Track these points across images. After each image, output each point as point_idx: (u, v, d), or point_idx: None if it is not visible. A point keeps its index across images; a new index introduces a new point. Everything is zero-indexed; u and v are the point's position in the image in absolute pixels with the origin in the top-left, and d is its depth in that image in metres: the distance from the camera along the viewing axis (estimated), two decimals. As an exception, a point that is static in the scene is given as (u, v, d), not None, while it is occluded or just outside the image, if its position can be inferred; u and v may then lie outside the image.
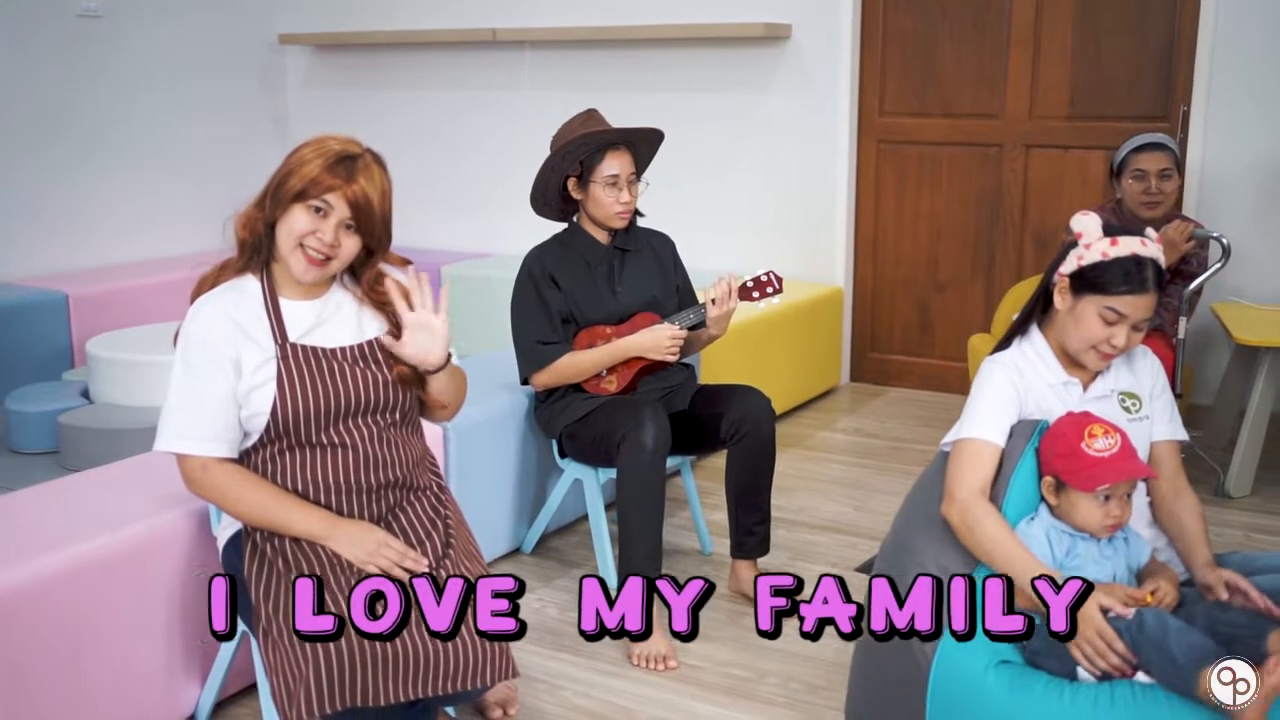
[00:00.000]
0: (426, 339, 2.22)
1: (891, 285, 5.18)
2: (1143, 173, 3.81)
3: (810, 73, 5.05)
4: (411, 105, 6.03)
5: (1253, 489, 3.87)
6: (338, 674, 2.00)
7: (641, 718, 2.54)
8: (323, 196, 2.09)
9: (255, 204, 2.17)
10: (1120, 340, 2.24)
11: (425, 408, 2.34)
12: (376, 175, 2.14)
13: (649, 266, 3.21)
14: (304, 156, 2.11)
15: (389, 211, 2.18)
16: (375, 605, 2.04)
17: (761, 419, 2.99)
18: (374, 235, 2.16)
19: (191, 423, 2.13)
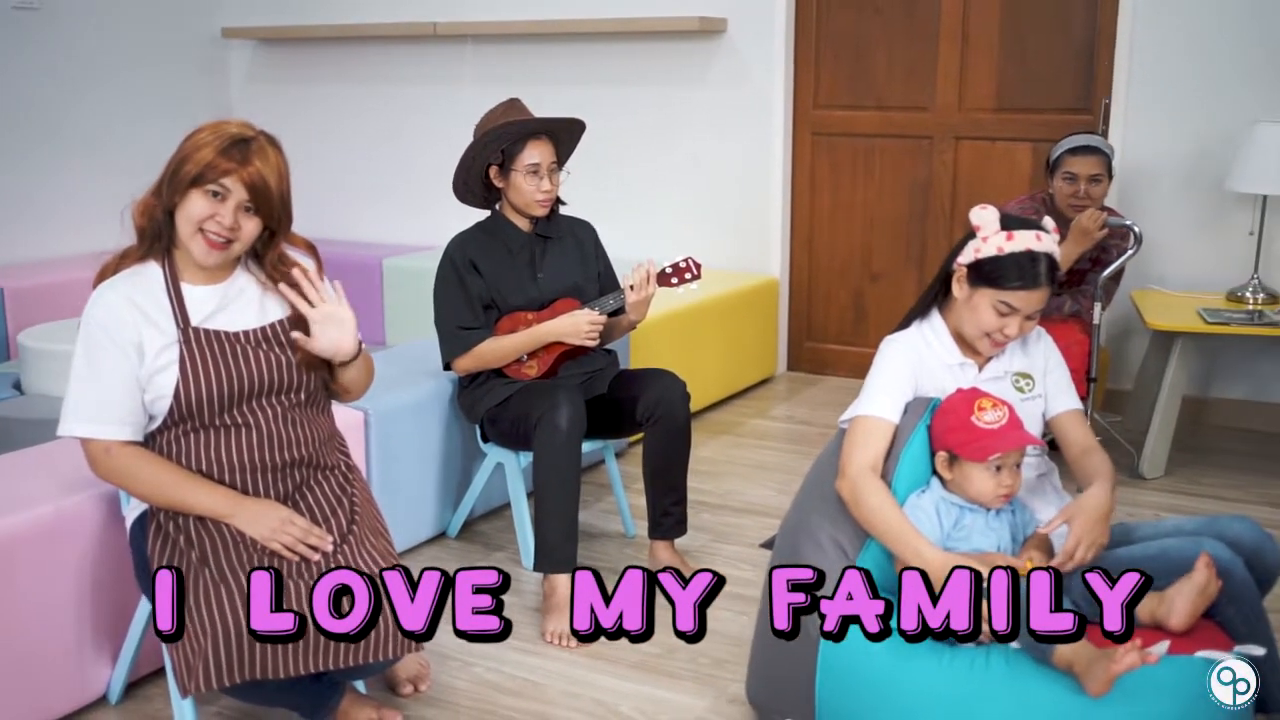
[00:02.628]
0: (337, 331, 2.26)
1: (827, 275, 5.26)
2: (1073, 175, 3.89)
3: (745, 66, 5.12)
4: (355, 99, 6.06)
5: (1166, 470, 3.97)
6: (236, 647, 2.04)
7: (550, 692, 2.59)
8: (219, 181, 2.11)
9: (152, 192, 2.20)
10: (1013, 330, 2.31)
11: (333, 390, 2.38)
12: (272, 157, 2.17)
13: (570, 254, 3.26)
14: (198, 142, 2.14)
15: (287, 192, 2.21)
16: (341, 601, 2.06)
17: (676, 401, 3.05)
18: (273, 216, 2.20)
19: (94, 407, 2.16)
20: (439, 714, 2.50)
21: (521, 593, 3.09)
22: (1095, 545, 2.16)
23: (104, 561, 2.43)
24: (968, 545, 2.24)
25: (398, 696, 2.55)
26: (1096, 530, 2.17)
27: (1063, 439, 2.43)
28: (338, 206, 6.19)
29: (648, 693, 2.59)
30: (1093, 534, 2.16)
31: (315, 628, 2.07)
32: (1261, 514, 3.61)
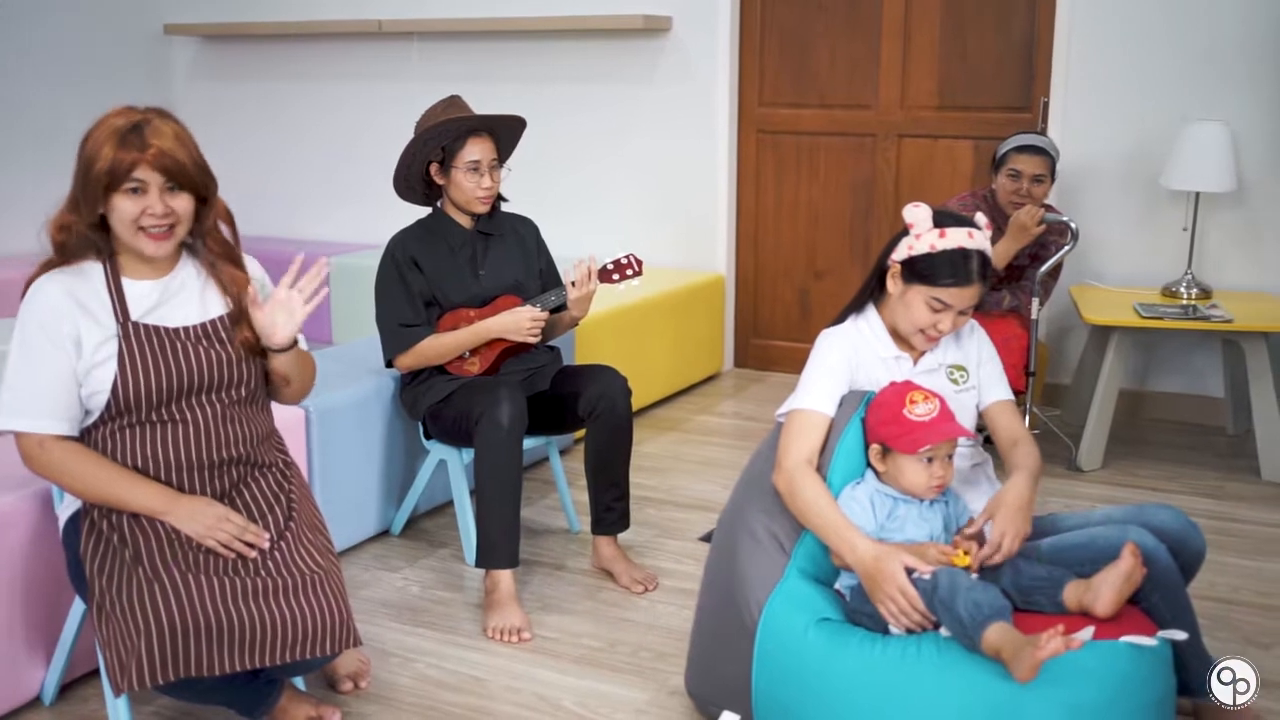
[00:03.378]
0: (284, 317, 2.25)
1: (772, 272, 5.29)
2: (1018, 173, 3.94)
3: (690, 65, 5.14)
4: (301, 97, 6.02)
5: (1103, 462, 4.04)
6: (170, 645, 2.02)
7: (492, 687, 2.60)
8: (131, 175, 2.09)
9: (67, 209, 2.16)
10: (946, 326, 2.35)
11: (272, 388, 2.37)
12: (168, 129, 2.12)
13: (512, 250, 3.27)
14: (94, 148, 2.09)
15: (199, 155, 2.16)
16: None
17: (617, 397, 3.06)
18: (195, 184, 2.15)
19: (28, 400, 2.14)
20: (380, 711, 2.49)
21: (464, 589, 3.10)
22: (1019, 535, 2.19)
23: (37, 561, 2.40)
24: (901, 536, 2.26)
25: (338, 694, 2.54)
26: (1018, 521, 2.20)
27: (994, 429, 2.47)
28: (283, 205, 6.15)
29: (589, 686, 2.60)
30: (1015, 524, 2.19)
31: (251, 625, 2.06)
32: (1195, 504, 3.69)
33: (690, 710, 2.48)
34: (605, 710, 2.50)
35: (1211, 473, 4.00)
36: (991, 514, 2.23)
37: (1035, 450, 2.39)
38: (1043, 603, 2.16)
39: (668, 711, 2.49)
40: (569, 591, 3.08)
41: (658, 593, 3.07)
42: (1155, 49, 4.41)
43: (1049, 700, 1.98)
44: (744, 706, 2.29)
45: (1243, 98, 4.31)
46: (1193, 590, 2.98)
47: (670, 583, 3.11)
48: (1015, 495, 2.24)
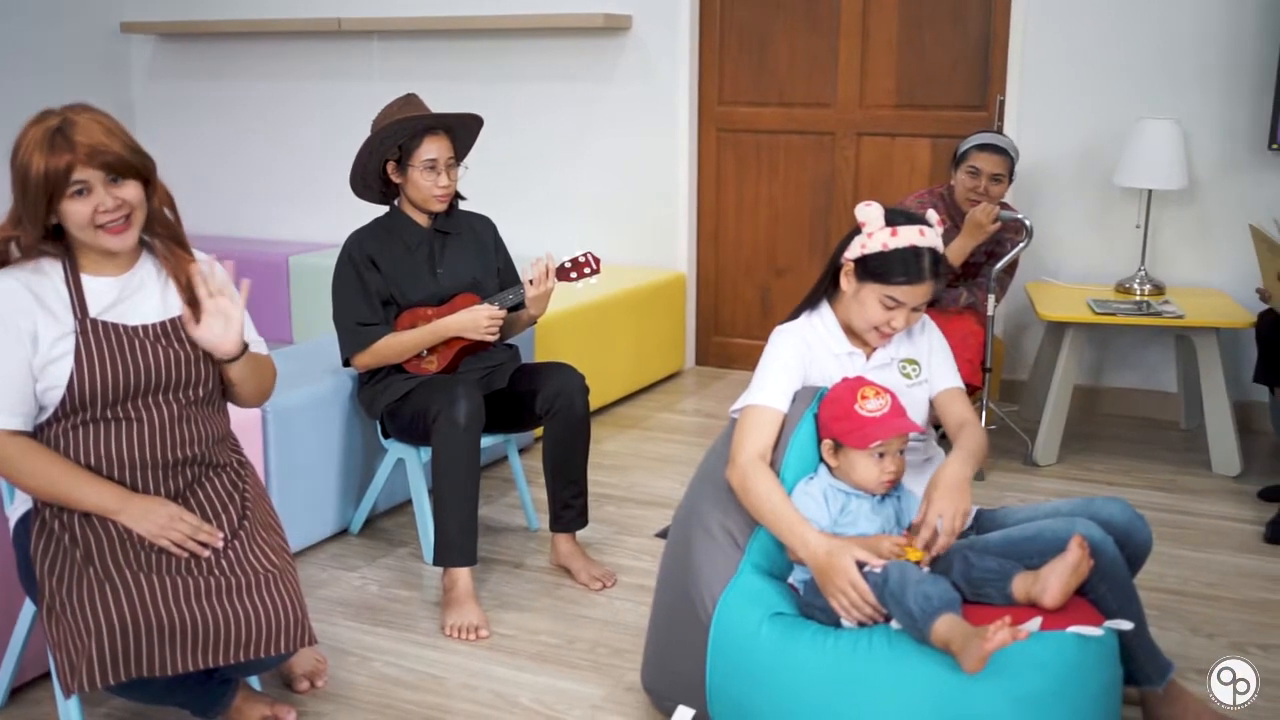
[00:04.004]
0: (222, 327, 2.23)
1: (733, 270, 5.32)
2: (977, 170, 3.97)
3: (650, 63, 5.16)
4: (260, 96, 5.98)
5: (1059, 457, 4.08)
6: (121, 645, 2.01)
7: (449, 685, 2.60)
8: (71, 179, 2.06)
9: (9, 223, 2.12)
10: (899, 323, 2.37)
11: (230, 392, 2.36)
12: (93, 124, 2.09)
13: (469, 249, 3.27)
14: (24, 160, 2.06)
15: (131, 140, 2.13)
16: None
17: (574, 394, 3.07)
18: (136, 169, 2.13)
19: None
20: (336, 709, 2.49)
21: (423, 588, 3.10)
22: (958, 512, 2.20)
23: (-13, 562, 2.39)
24: (854, 530, 2.28)
25: (294, 693, 2.54)
26: (953, 498, 2.20)
27: (943, 415, 2.49)
28: (243, 204, 6.12)
29: (546, 683, 2.61)
30: (951, 501, 2.20)
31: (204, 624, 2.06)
32: (1147, 498, 3.74)
33: (646, 705, 2.49)
34: (561, 706, 2.51)
35: (1164, 467, 4.06)
36: (928, 498, 2.24)
37: (979, 433, 2.41)
38: (992, 595, 2.19)
39: (624, 707, 2.50)
40: (527, 589, 3.08)
41: (616, 589, 3.08)
42: (1108, 48, 4.47)
43: (997, 690, 2.00)
44: (699, 701, 2.31)
45: (1193, 96, 4.38)
46: (1142, 582, 3.04)
47: (628, 579, 3.13)
48: (949, 474, 2.26)
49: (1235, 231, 4.29)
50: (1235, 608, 2.98)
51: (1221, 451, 3.97)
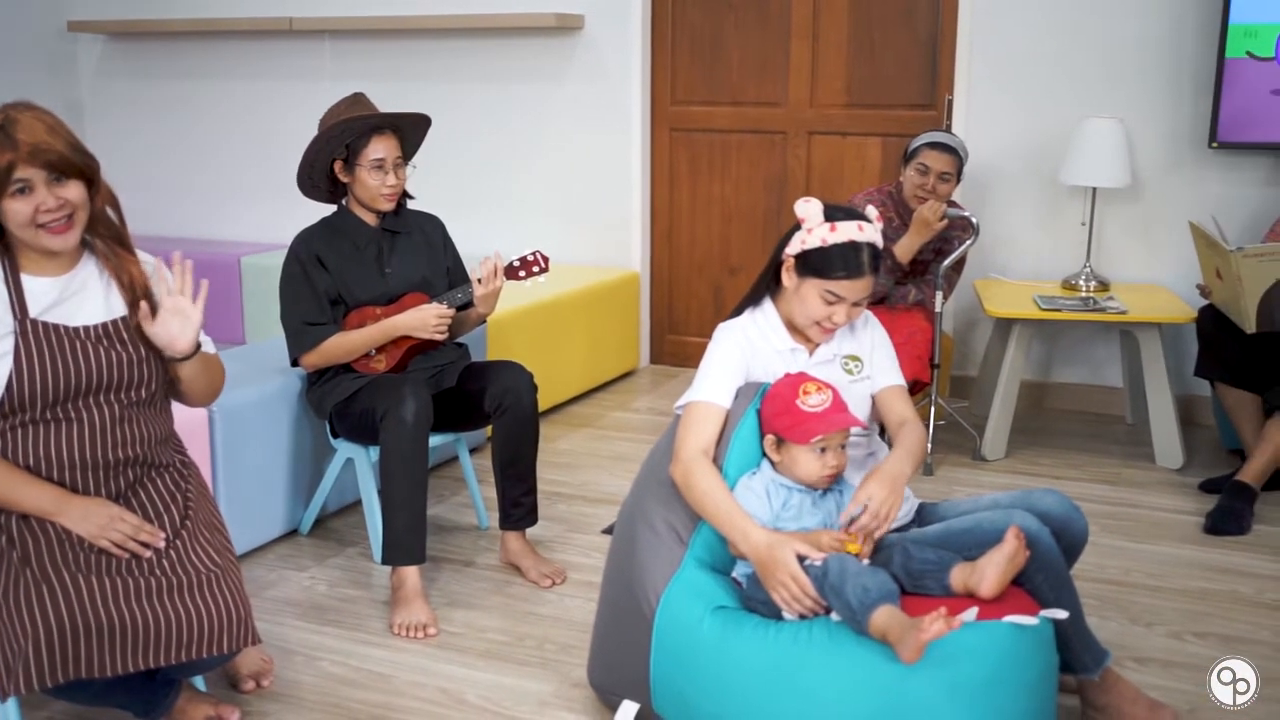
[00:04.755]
0: (179, 325, 2.22)
1: (687, 269, 5.34)
2: (926, 168, 4.01)
3: (603, 63, 5.17)
4: (211, 96, 5.94)
5: (1007, 452, 4.14)
6: (59, 647, 2.00)
7: (396, 683, 2.60)
8: (13, 177, 2.05)
9: None
10: (840, 318, 2.39)
11: (179, 391, 2.35)
12: (35, 122, 2.08)
13: (418, 248, 3.27)
14: None
15: (74, 139, 2.12)
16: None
17: (522, 391, 3.08)
18: (79, 169, 2.11)
19: None
20: (282, 709, 2.48)
21: (371, 587, 3.09)
22: (890, 501, 2.22)
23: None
24: (796, 525, 2.31)
25: (240, 693, 2.53)
26: (885, 486, 2.23)
27: (884, 413, 2.52)
28: (195, 204, 6.08)
29: (493, 680, 2.61)
30: (882, 489, 2.22)
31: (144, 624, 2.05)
32: (1093, 490, 3.80)
33: (593, 701, 2.50)
34: (508, 703, 2.52)
35: (1110, 460, 4.12)
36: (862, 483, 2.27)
37: (919, 431, 2.44)
38: (931, 586, 2.21)
39: (570, 703, 2.52)
40: (477, 587, 3.09)
41: (566, 586, 3.09)
42: (1053, 49, 4.53)
43: (934, 679, 2.03)
44: (643, 695, 2.32)
45: (1136, 96, 4.44)
46: (1085, 573, 3.10)
47: (579, 576, 3.14)
48: (886, 468, 2.30)
49: (1178, 228, 4.36)
50: (1175, 597, 3.03)
51: (1165, 445, 4.04)
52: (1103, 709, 2.39)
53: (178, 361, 2.26)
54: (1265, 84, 4.17)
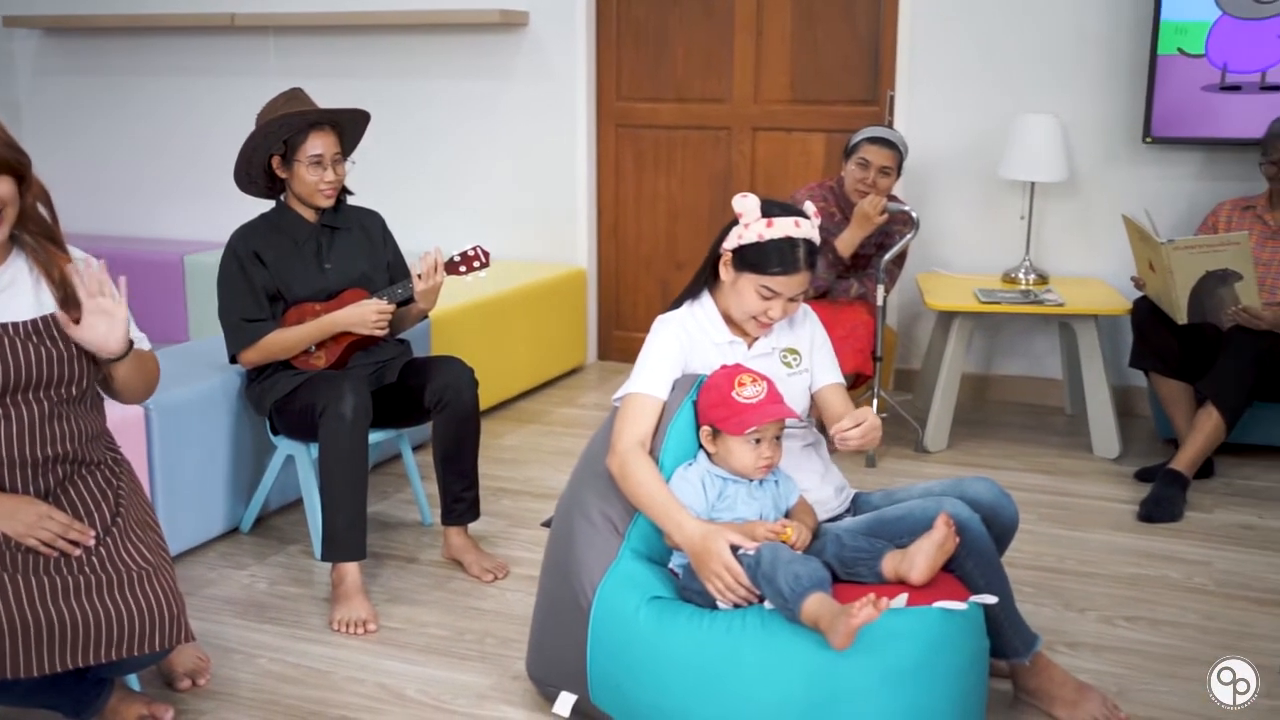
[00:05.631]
0: (105, 326, 2.19)
1: (634, 265, 5.36)
2: (866, 163, 4.05)
3: (548, 59, 5.17)
4: (153, 92, 5.88)
5: (949, 443, 4.19)
6: (-16, 646, 1.98)
7: (335, 679, 2.59)
8: None
9: None
10: (776, 313, 2.41)
11: (113, 389, 2.32)
12: None
13: (358, 244, 3.26)
14: None
15: (6, 134, 2.09)
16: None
17: (463, 387, 3.08)
18: (9, 165, 2.08)
19: None
20: (217, 707, 2.47)
21: (312, 584, 3.08)
22: (876, 426, 2.31)
23: None
24: (732, 515, 2.33)
25: (175, 691, 2.51)
26: (871, 415, 2.32)
27: (824, 410, 2.55)
28: (137, 203, 6.01)
29: (433, 674, 2.61)
30: (871, 415, 2.31)
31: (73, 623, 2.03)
32: (1030, 480, 3.85)
33: (531, 693, 2.51)
34: (447, 697, 2.52)
35: (1049, 451, 4.18)
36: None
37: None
38: (863, 573, 2.24)
39: (509, 695, 2.52)
40: (419, 583, 3.09)
41: (508, 580, 3.09)
42: (992, 45, 4.58)
43: (864, 665, 2.06)
44: (580, 686, 2.33)
45: (1072, 92, 4.51)
46: (1021, 561, 3.15)
47: (521, 570, 3.14)
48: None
49: (1114, 222, 4.43)
50: (1107, 583, 3.08)
51: (1102, 435, 4.10)
52: (1033, 692, 2.44)
53: (113, 361, 2.23)
54: (1196, 80, 4.25)
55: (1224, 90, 4.23)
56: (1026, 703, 2.45)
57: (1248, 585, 3.07)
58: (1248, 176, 4.22)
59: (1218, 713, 2.44)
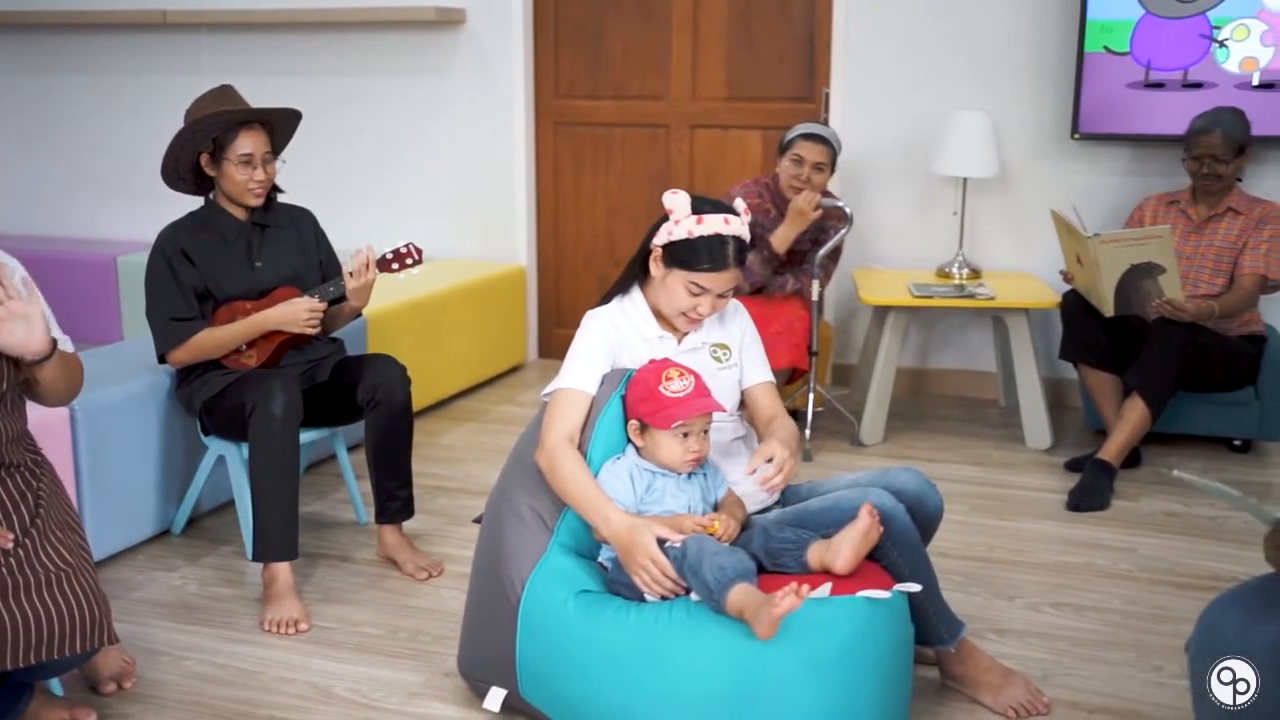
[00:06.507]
0: (24, 329, 2.16)
1: (573, 263, 5.36)
2: (800, 159, 4.07)
3: (486, 57, 5.16)
4: (84, 90, 5.79)
5: (884, 437, 4.23)
6: (-102, 651, 1.95)
7: (264, 679, 2.57)
8: None
9: None
10: (705, 309, 2.43)
11: (37, 392, 2.29)
12: None
13: (289, 242, 3.23)
14: None
15: None
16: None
17: (395, 384, 3.07)
18: None
19: None
20: (142, 710, 2.44)
21: (244, 585, 3.05)
22: (789, 460, 2.29)
23: None
24: (660, 508, 2.34)
25: (100, 695, 2.48)
26: (784, 449, 2.30)
27: (754, 408, 2.57)
28: (69, 203, 5.91)
29: (364, 672, 2.60)
30: (782, 451, 2.29)
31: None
32: (963, 472, 3.91)
33: (462, 690, 2.51)
34: (378, 695, 2.51)
35: (982, 443, 4.24)
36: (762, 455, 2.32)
37: (790, 425, 2.50)
38: (790, 564, 2.26)
39: (440, 692, 2.52)
40: (353, 582, 3.07)
41: (443, 578, 3.09)
42: (924, 43, 4.64)
43: (789, 654, 2.08)
44: (510, 681, 2.34)
45: (1003, 89, 4.57)
46: (953, 551, 3.20)
47: (456, 568, 3.13)
48: (781, 436, 2.38)
49: (1045, 217, 4.49)
50: (1036, 571, 3.13)
51: (1034, 427, 4.17)
52: (959, 678, 2.47)
53: (37, 364, 2.20)
54: (1122, 78, 4.33)
55: (1148, 88, 4.31)
56: (952, 689, 2.49)
57: (1170, 570, 3.13)
58: (1172, 172, 4.30)
59: (1136, 694, 2.50)
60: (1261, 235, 3.86)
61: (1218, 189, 3.92)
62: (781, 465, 2.27)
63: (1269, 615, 1.66)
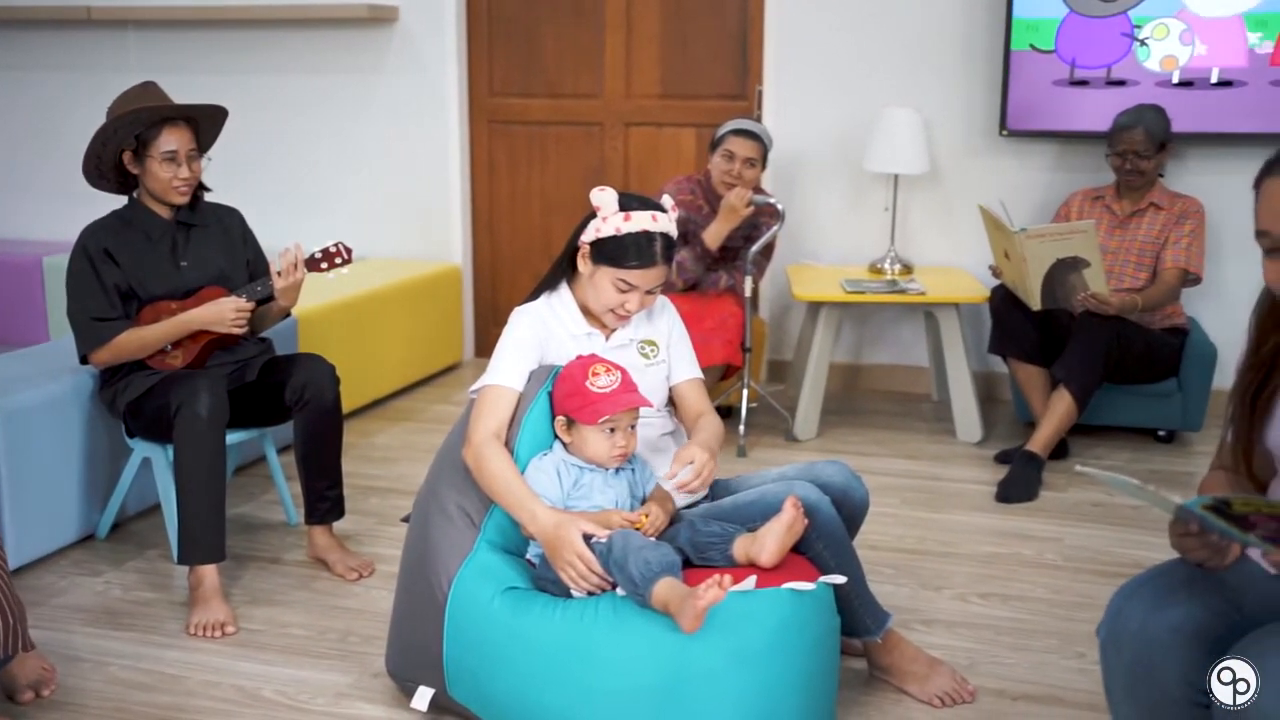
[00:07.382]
0: None
1: (510, 261, 5.34)
2: (731, 155, 4.09)
3: (419, 55, 5.13)
4: (7, 88, 5.67)
5: (818, 432, 4.26)
6: None
7: (189, 683, 2.54)
8: None
9: None
10: (633, 305, 2.43)
11: None
12: None
13: (216, 241, 3.19)
14: None
15: None
16: None
17: (323, 384, 3.04)
18: None
19: None
20: (62, 717, 2.40)
21: (170, 589, 3.01)
22: (708, 465, 2.29)
23: None
24: (588, 504, 2.34)
25: (17, 704, 2.42)
26: (704, 452, 2.30)
27: (681, 405, 2.57)
28: (-10, 203, 5.80)
29: (291, 674, 2.58)
30: (702, 455, 2.29)
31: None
32: (896, 465, 3.95)
33: (391, 690, 2.49)
34: (305, 696, 2.49)
35: (915, 437, 4.28)
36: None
37: (716, 423, 2.50)
38: (716, 558, 2.27)
39: (369, 693, 2.50)
40: (282, 583, 3.04)
41: (374, 578, 3.06)
42: (855, 41, 4.68)
43: (715, 646, 2.08)
44: (438, 680, 2.32)
45: (933, 86, 4.63)
46: (883, 543, 3.23)
47: (387, 568, 3.11)
48: (701, 439, 2.39)
49: (974, 212, 4.56)
50: (964, 562, 3.18)
51: (965, 420, 4.22)
52: (886, 669, 2.50)
53: None
54: (1047, 75, 4.40)
55: (1073, 85, 4.39)
56: (879, 679, 2.51)
57: (1094, 559, 3.19)
58: (1098, 168, 4.37)
59: (1059, 681, 2.54)
60: (1182, 230, 3.94)
61: (1140, 184, 4.00)
62: (700, 469, 2.28)
63: (1173, 599, 1.70)
